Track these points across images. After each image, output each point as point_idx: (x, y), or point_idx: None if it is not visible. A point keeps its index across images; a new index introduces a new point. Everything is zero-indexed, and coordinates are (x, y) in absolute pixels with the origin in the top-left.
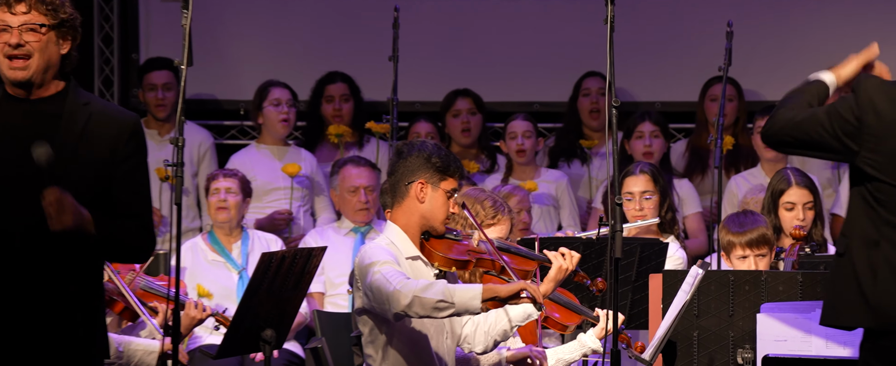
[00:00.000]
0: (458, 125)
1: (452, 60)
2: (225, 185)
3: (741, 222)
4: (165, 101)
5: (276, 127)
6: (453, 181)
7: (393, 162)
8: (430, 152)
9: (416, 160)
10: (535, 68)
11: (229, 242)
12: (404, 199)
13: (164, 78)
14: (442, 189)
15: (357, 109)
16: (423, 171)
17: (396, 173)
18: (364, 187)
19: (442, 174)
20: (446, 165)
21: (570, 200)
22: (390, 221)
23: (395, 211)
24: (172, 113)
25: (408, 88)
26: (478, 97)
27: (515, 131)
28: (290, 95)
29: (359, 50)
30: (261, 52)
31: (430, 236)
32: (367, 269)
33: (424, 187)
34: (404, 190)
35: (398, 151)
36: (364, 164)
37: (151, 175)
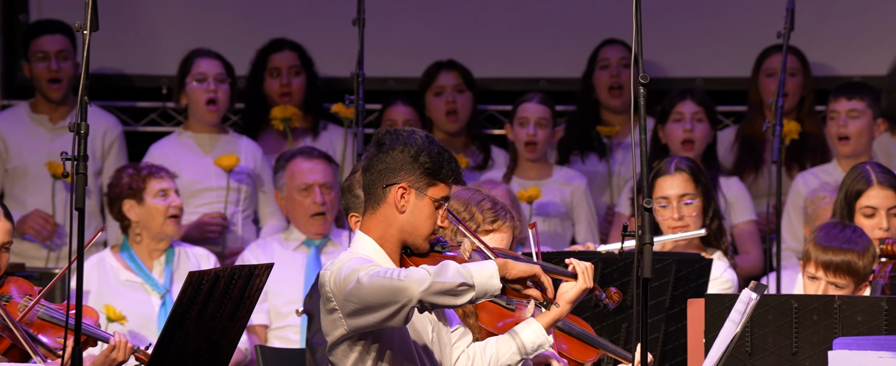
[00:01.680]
0: (441, 106)
1: (434, 24)
2: (173, 185)
3: (832, 236)
4: (61, 74)
5: (201, 109)
6: (444, 188)
7: (370, 155)
8: (418, 149)
9: (399, 157)
10: (540, 35)
11: (150, 258)
12: (380, 204)
13: (59, 44)
14: (429, 197)
15: (310, 85)
16: (407, 172)
17: (372, 170)
18: (319, 185)
19: (431, 178)
20: (437, 167)
21: (588, 210)
22: (360, 232)
23: (368, 219)
24: (70, 92)
25: (377, 60)
26: (466, 71)
27: (527, 116)
28: (221, 67)
29: (313, 11)
30: (186, 13)
31: (411, 252)
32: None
33: (407, 194)
34: (381, 194)
35: (378, 140)
36: (318, 156)
37: (41, 172)
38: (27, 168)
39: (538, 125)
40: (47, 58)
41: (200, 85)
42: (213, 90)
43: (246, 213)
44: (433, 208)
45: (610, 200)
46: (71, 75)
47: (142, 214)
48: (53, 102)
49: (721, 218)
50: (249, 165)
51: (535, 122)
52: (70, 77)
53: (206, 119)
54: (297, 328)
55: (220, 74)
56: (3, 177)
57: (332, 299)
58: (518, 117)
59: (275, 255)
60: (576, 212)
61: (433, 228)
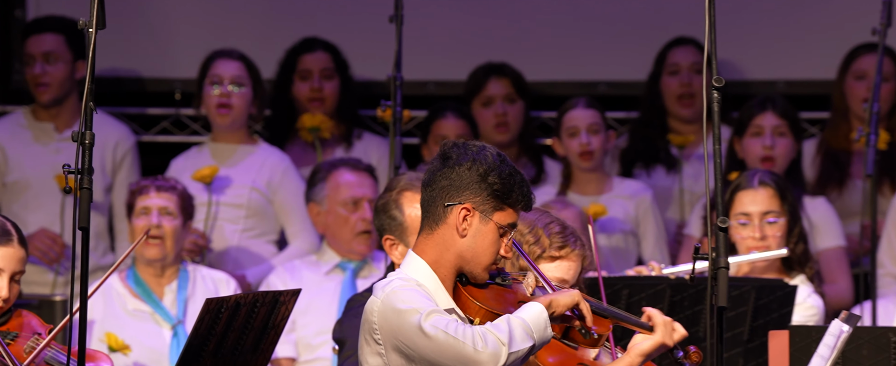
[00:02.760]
0: (489, 118)
1: (480, 22)
2: (158, 202)
3: None
4: (48, 78)
5: (212, 113)
6: (512, 214)
7: (433, 168)
8: (488, 167)
9: (466, 174)
10: (599, 32)
11: (159, 284)
12: (439, 224)
13: (49, 44)
14: (494, 223)
15: (344, 90)
16: (472, 192)
17: (434, 186)
18: (368, 200)
19: (499, 202)
20: (507, 190)
21: (655, 225)
22: (413, 252)
23: (424, 239)
24: (66, 97)
25: (416, 62)
26: (518, 76)
27: (576, 125)
28: (241, 69)
29: (346, 7)
30: (206, 9)
31: (467, 281)
32: (404, 319)
33: (470, 216)
34: (441, 213)
35: (444, 154)
36: (364, 168)
37: (45, 186)
38: (29, 182)
39: (590, 132)
40: (32, 60)
41: (215, 88)
42: (226, 94)
43: (254, 232)
44: (497, 235)
45: (679, 218)
46: (62, 78)
47: (130, 234)
48: (48, 107)
49: (806, 241)
50: (264, 179)
51: (586, 128)
52: (61, 80)
53: (219, 124)
54: (329, 362)
55: (239, 77)
56: (1, 192)
57: (378, 332)
58: (566, 127)
59: (304, 279)
60: (642, 228)
61: (495, 257)
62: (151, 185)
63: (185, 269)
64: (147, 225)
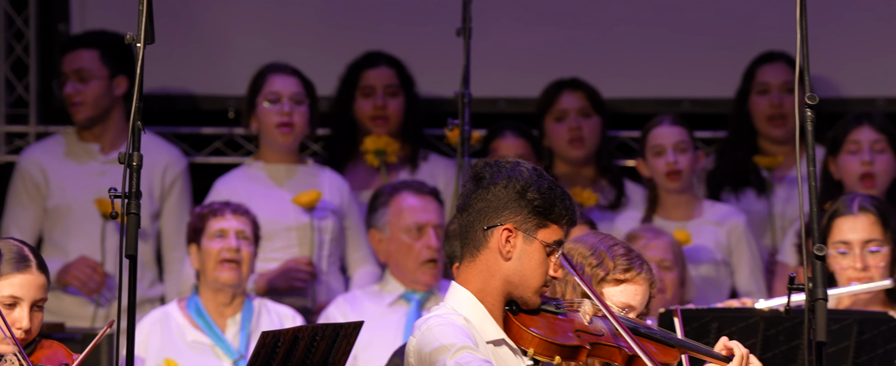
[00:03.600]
0: (563, 133)
1: (553, 35)
2: (235, 225)
3: None
4: (81, 97)
5: (272, 133)
6: (557, 230)
7: (467, 191)
8: (525, 183)
9: (503, 193)
10: (684, 48)
11: (223, 316)
12: (480, 250)
13: (82, 61)
14: (539, 242)
15: (409, 108)
16: (512, 211)
17: (470, 210)
18: (433, 226)
19: (541, 218)
20: (548, 205)
21: (750, 254)
22: (456, 284)
23: (466, 268)
24: (104, 115)
25: (485, 78)
26: (593, 91)
27: (662, 143)
28: (299, 85)
29: (410, 19)
30: (260, 22)
31: (518, 309)
32: (434, 359)
33: (512, 237)
34: (481, 237)
35: (476, 174)
36: (429, 192)
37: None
38: (70, 207)
39: (677, 150)
40: (67, 79)
41: (273, 106)
42: (287, 112)
43: (332, 258)
44: (544, 255)
45: (771, 245)
46: (96, 96)
47: (200, 261)
48: (83, 127)
49: None
50: (336, 202)
51: (672, 147)
52: (96, 98)
53: (280, 144)
54: None
55: (298, 94)
56: (43, 218)
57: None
58: (651, 146)
59: (366, 311)
60: (735, 257)
61: (545, 278)
62: (226, 207)
63: (250, 301)
64: (224, 248)
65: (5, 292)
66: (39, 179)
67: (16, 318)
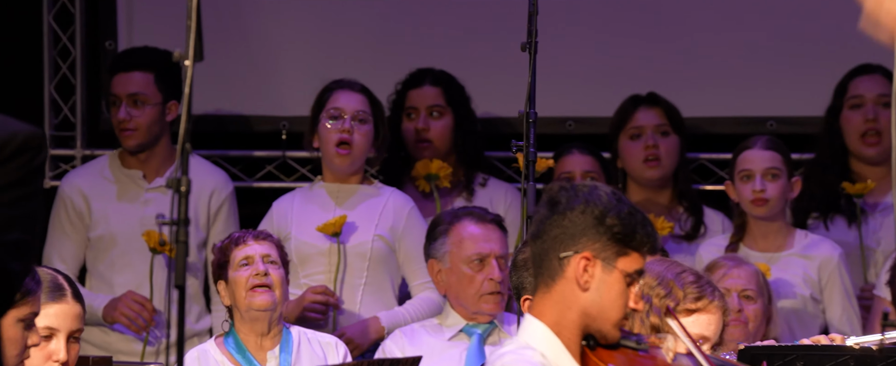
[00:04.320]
0: (638, 152)
1: (626, 50)
2: (260, 250)
3: None
4: (134, 123)
5: (330, 152)
6: (638, 258)
7: (540, 217)
8: (604, 208)
9: (580, 219)
10: (767, 60)
11: (262, 349)
12: (555, 280)
13: (136, 85)
14: (619, 271)
15: (458, 129)
16: (590, 238)
17: (544, 237)
18: (496, 257)
19: (621, 246)
20: (629, 231)
21: (842, 290)
22: (530, 316)
23: (541, 299)
24: (155, 142)
25: (553, 96)
26: (672, 108)
27: (750, 168)
28: (364, 103)
29: (471, 34)
30: (314, 39)
31: (596, 343)
32: None
33: (591, 265)
34: (556, 267)
35: (551, 199)
36: (491, 219)
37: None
38: (114, 238)
39: (767, 176)
40: (118, 102)
41: (334, 123)
42: (347, 130)
43: (373, 287)
44: (624, 285)
45: (863, 279)
46: (150, 123)
47: (229, 294)
48: (132, 153)
49: None
50: (387, 223)
51: (762, 173)
52: (149, 124)
53: (336, 165)
54: None
55: (362, 112)
56: (86, 247)
57: None
58: (740, 170)
59: (424, 345)
60: (827, 292)
61: (625, 310)
62: (247, 234)
63: (288, 331)
64: (252, 274)
65: (41, 323)
66: (82, 206)
67: (53, 350)
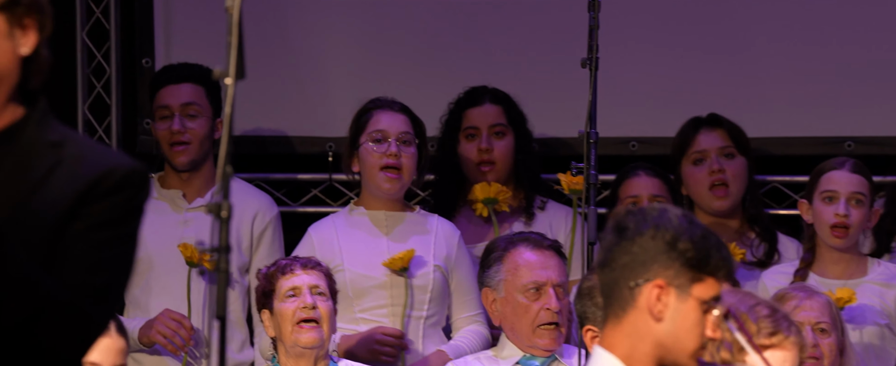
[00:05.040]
0: (703, 177)
1: (693, 67)
2: (308, 280)
3: None
4: (189, 135)
5: (376, 178)
6: (714, 284)
7: (608, 244)
8: (676, 232)
9: (651, 244)
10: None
11: None
12: (627, 310)
13: (188, 96)
14: (694, 298)
15: (520, 151)
16: (662, 264)
17: (613, 265)
18: (553, 285)
19: (696, 272)
20: (703, 256)
21: None
22: (600, 348)
23: (611, 331)
24: (204, 160)
25: (615, 116)
26: (736, 128)
27: (836, 190)
28: (407, 124)
29: (527, 50)
30: (361, 54)
31: None
32: None
33: (664, 294)
34: (628, 296)
35: (618, 225)
36: (548, 246)
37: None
38: (151, 261)
39: (852, 202)
40: (169, 116)
41: (378, 147)
42: (394, 153)
43: (433, 320)
44: (700, 313)
45: None
46: (202, 137)
47: (274, 326)
48: (181, 172)
49: None
50: (441, 255)
51: (846, 197)
52: (202, 139)
53: (384, 190)
54: None
55: (406, 134)
56: None
57: None
58: (822, 190)
59: None
60: None
61: (701, 340)
62: (295, 262)
63: (335, 363)
64: (299, 306)
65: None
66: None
67: None
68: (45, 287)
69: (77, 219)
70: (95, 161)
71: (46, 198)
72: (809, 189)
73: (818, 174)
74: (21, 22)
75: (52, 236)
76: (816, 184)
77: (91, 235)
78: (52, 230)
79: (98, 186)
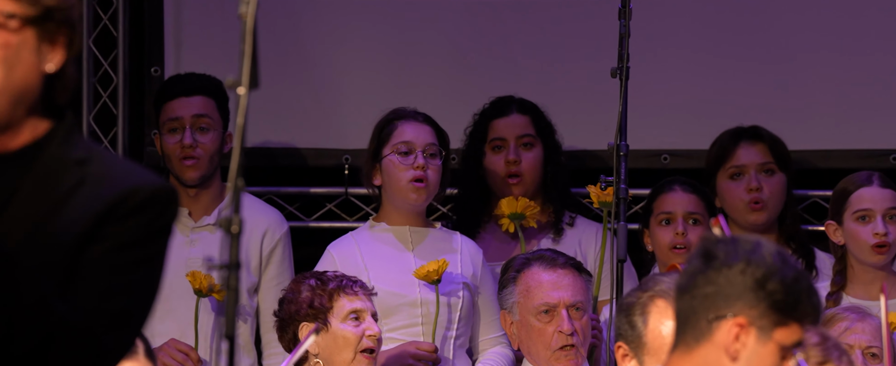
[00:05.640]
0: (740, 193)
1: (729, 77)
2: (370, 307)
3: None
4: (201, 150)
5: (403, 191)
6: (798, 330)
7: (693, 270)
8: (767, 271)
9: (738, 279)
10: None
11: None
12: (700, 342)
13: (199, 108)
14: (775, 342)
15: (549, 163)
16: (747, 302)
17: (695, 293)
18: (568, 307)
19: (781, 316)
20: (793, 301)
21: None
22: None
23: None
24: (213, 176)
25: (646, 127)
26: (777, 142)
27: (870, 208)
28: (433, 136)
29: (554, 58)
30: (380, 63)
31: None
32: None
33: (744, 333)
34: (704, 328)
35: (706, 251)
36: (564, 263)
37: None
38: None
39: (888, 218)
40: (179, 127)
41: (404, 159)
42: (421, 165)
43: (461, 340)
44: (778, 359)
45: None
46: (213, 152)
47: (325, 345)
48: (189, 187)
49: None
50: (468, 274)
51: (882, 214)
52: (212, 154)
53: (411, 203)
54: None
55: (431, 146)
56: None
57: None
58: (854, 210)
59: None
60: None
61: None
62: (355, 284)
63: None
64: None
65: None
66: None
67: None
68: (58, 313)
69: (96, 241)
70: (119, 180)
71: (66, 218)
72: (836, 209)
73: (845, 193)
74: (51, 38)
75: (70, 259)
76: (846, 204)
77: (111, 258)
78: (70, 252)
79: (119, 206)
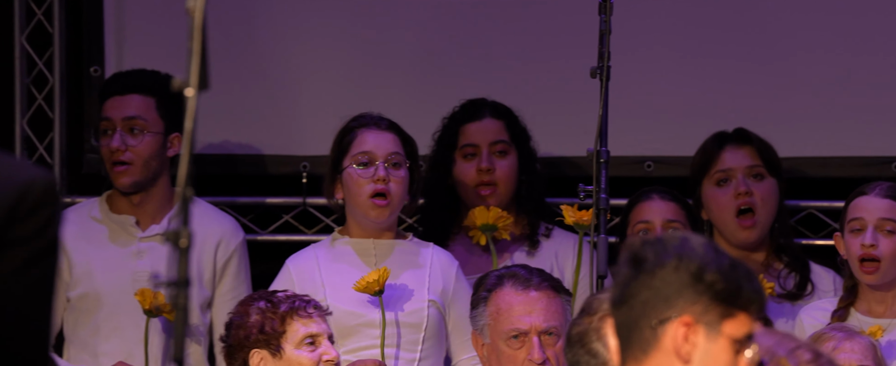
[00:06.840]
0: (728, 201)
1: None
2: (326, 329)
3: None
4: (130, 154)
5: (364, 205)
6: (746, 320)
7: (624, 279)
8: (701, 262)
9: (673, 277)
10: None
11: None
12: (648, 352)
13: (134, 108)
14: (726, 336)
15: (524, 171)
16: (687, 299)
17: (632, 302)
18: (539, 333)
19: (726, 306)
20: (734, 288)
21: None
22: None
23: None
24: (152, 182)
25: (627, 133)
26: (765, 146)
27: (863, 218)
28: (397, 144)
29: (529, 58)
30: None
31: None
32: None
33: (692, 332)
34: (649, 336)
35: (634, 256)
36: (537, 283)
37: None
38: (99, 298)
39: (881, 230)
40: (111, 129)
41: (364, 171)
42: (382, 178)
43: (428, 362)
44: (733, 354)
45: None
46: (148, 156)
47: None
48: (125, 194)
49: None
50: (437, 289)
51: (875, 225)
52: (147, 158)
53: (372, 218)
54: None
55: (395, 155)
56: (64, 312)
57: None
58: (850, 221)
59: None
60: None
61: None
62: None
63: None
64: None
65: None
66: (60, 260)
67: None
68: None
69: None
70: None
71: None
72: (841, 220)
73: (848, 202)
74: None
75: None
76: (846, 213)
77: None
78: None
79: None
